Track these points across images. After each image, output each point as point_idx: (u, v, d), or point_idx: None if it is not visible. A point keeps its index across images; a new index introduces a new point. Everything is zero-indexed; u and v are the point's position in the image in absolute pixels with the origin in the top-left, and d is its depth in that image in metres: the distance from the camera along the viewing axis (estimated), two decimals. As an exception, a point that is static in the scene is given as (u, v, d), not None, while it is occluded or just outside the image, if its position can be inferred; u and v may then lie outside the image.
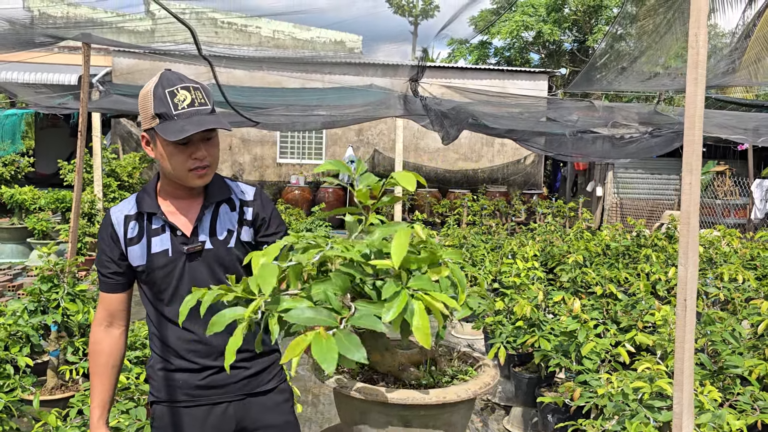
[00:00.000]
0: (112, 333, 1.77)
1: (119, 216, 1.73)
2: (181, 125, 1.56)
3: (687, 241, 1.69)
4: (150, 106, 1.60)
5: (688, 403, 1.70)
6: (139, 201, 1.74)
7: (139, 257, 1.70)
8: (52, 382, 3.75)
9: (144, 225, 1.72)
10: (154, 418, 1.78)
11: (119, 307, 1.77)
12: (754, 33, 8.45)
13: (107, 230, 1.73)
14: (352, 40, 15.34)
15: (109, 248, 1.72)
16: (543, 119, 7.20)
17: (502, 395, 4.41)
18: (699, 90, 1.68)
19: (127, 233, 1.71)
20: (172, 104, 1.57)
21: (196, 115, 1.59)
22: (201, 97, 1.62)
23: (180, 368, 1.74)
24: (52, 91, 8.88)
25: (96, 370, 1.75)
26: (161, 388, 1.76)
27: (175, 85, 1.60)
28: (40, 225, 8.22)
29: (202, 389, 1.74)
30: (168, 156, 1.64)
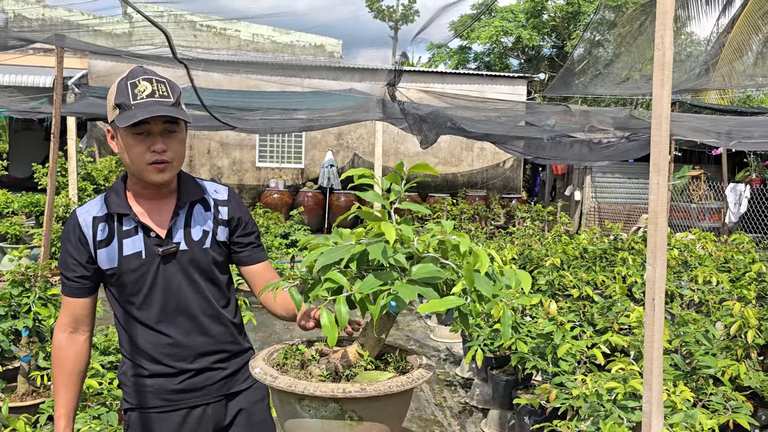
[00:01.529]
0: (77, 339, 1.71)
1: (87, 217, 1.67)
2: (135, 113, 1.53)
3: (655, 241, 1.71)
4: (113, 98, 1.58)
5: (657, 402, 1.72)
6: (107, 202, 1.68)
7: (108, 260, 1.65)
8: (22, 388, 3.67)
9: (114, 226, 1.66)
10: (129, 425, 1.73)
11: (84, 312, 1.70)
12: (727, 40, 8.63)
13: (74, 232, 1.66)
14: (332, 44, 15.33)
15: (76, 251, 1.66)
16: (521, 123, 7.25)
17: (479, 398, 4.42)
18: (665, 92, 1.71)
19: (96, 235, 1.65)
20: (132, 94, 1.55)
21: (154, 105, 1.55)
22: (164, 90, 1.58)
23: (154, 373, 1.69)
24: (25, 93, 8.73)
25: (60, 378, 1.69)
26: (135, 395, 1.71)
27: (138, 77, 1.58)
28: (13, 229, 8.07)
29: (179, 393, 1.70)
30: (127, 148, 1.59)
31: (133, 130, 1.57)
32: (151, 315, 1.68)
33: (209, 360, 1.74)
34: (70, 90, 8.67)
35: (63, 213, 8.83)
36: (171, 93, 1.59)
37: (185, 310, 1.70)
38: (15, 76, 10.82)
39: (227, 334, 1.78)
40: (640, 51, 5.40)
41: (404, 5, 27.70)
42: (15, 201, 8.93)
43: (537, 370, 3.53)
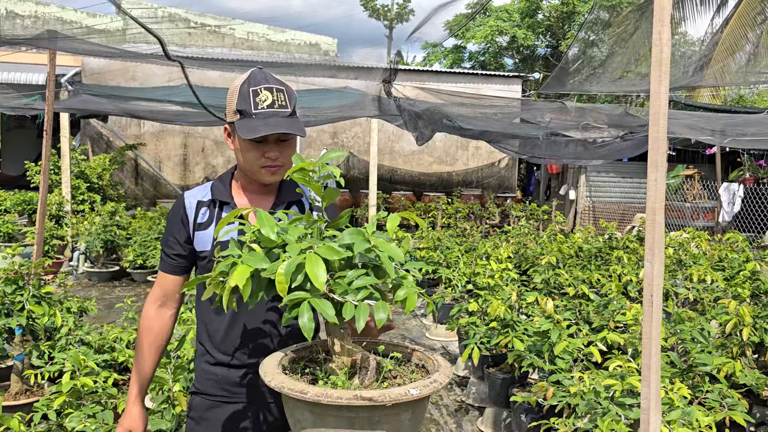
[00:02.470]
0: (164, 313, 1.80)
1: (192, 200, 1.78)
2: (256, 125, 1.62)
3: (653, 238, 1.71)
4: (234, 101, 1.66)
5: (655, 398, 1.71)
6: (213, 189, 1.78)
7: (204, 243, 1.73)
8: (16, 387, 3.64)
9: (215, 212, 1.75)
10: (191, 407, 1.82)
11: (175, 289, 1.79)
12: (720, 39, 8.67)
13: (178, 212, 1.77)
14: (327, 42, 15.31)
15: (177, 230, 1.76)
16: (516, 120, 7.26)
17: (476, 396, 4.42)
18: (663, 87, 1.71)
19: (197, 218, 1.75)
20: (253, 103, 1.63)
21: (273, 117, 1.64)
22: (282, 99, 1.66)
23: (220, 362, 1.75)
24: (17, 90, 8.67)
25: (142, 348, 1.78)
26: (200, 380, 1.79)
27: (260, 85, 1.65)
28: (5, 227, 8.02)
29: (239, 386, 1.75)
30: (243, 151, 1.69)
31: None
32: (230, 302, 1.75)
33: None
34: (63, 87, 8.61)
35: (56, 211, 8.78)
36: (288, 102, 1.67)
37: (261, 306, 1.73)
38: (7, 74, 10.74)
39: (293, 336, 1.78)
40: (634, 49, 5.41)
41: (399, 4, 27.68)
42: (8, 199, 8.87)
43: (533, 369, 3.53)
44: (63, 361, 3.20)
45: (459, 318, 4.41)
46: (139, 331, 1.81)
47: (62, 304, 3.78)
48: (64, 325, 3.60)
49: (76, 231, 8.61)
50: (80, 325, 3.82)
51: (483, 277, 4.69)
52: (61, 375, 3.20)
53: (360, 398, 1.17)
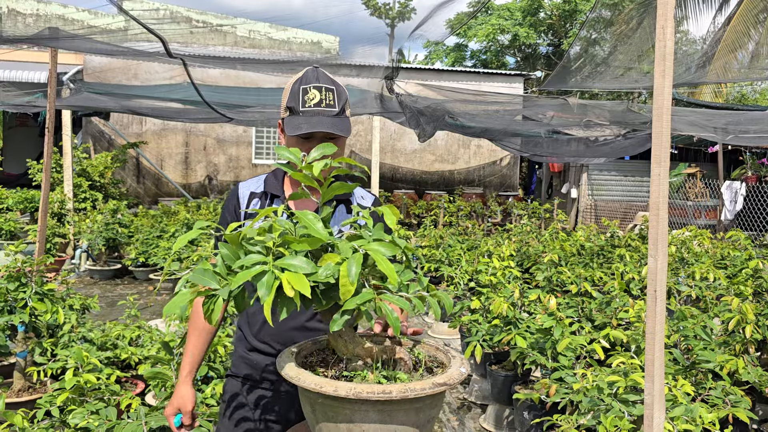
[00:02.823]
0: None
1: (245, 191, 1.84)
2: (300, 122, 1.67)
3: (657, 232, 1.71)
4: (285, 99, 1.72)
5: (659, 394, 1.71)
6: (266, 181, 1.85)
7: None
8: (18, 384, 3.64)
9: (265, 204, 1.81)
10: (225, 390, 1.88)
11: None
12: (723, 36, 8.66)
13: (232, 201, 1.84)
14: (328, 41, 15.30)
15: (230, 217, 1.83)
16: (518, 117, 7.25)
17: (478, 394, 4.42)
18: (666, 81, 1.71)
19: (248, 207, 1.81)
20: (301, 101, 1.68)
21: (318, 116, 1.68)
22: (331, 98, 1.70)
23: (256, 348, 1.80)
24: (19, 88, 8.67)
25: (194, 329, 1.84)
26: (237, 364, 1.85)
27: (310, 83, 1.70)
28: (7, 225, 8.03)
29: (272, 374, 1.78)
30: (290, 147, 1.71)
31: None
32: None
33: None
34: (65, 86, 8.62)
35: (58, 209, 8.79)
36: (337, 102, 1.71)
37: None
38: (9, 72, 10.75)
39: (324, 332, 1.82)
40: (638, 45, 5.40)
41: (400, 3, 27.66)
42: (9, 197, 8.88)
43: (536, 366, 3.53)
44: (66, 358, 3.21)
45: (461, 316, 4.41)
46: (191, 314, 1.87)
47: (65, 301, 3.79)
48: (66, 323, 3.60)
49: (78, 229, 8.62)
50: (83, 322, 3.83)
51: (485, 275, 4.68)
52: (63, 372, 3.21)
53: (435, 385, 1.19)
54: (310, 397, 1.26)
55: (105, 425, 2.37)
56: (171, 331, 3.90)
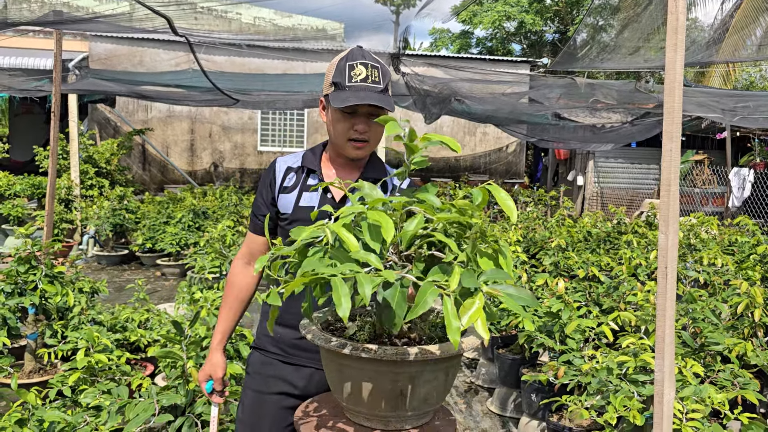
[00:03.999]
0: (249, 270, 1.91)
1: (282, 165, 1.88)
2: (347, 96, 1.68)
3: (668, 209, 1.70)
4: (331, 75, 1.73)
5: (669, 372, 1.71)
6: (304, 157, 1.88)
7: (286, 205, 1.82)
8: (29, 365, 3.68)
9: (301, 178, 1.84)
10: (248, 362, 1.93)
11: (260, 249, 1.89)
12: (731, 25, 8.58)
13: (269, 175, 1.88)
14: (333, 27, 15.21)
15: (265, 191, 1.86)
16: (524, 100, 7.21)
17: (485, 377, 4.43)
18: (678, 56, 1.69)
19: (284, 182, 1.84)
20: (348, 76, 1.70)
21: (365, 91, 1.69)
22: (376, 75, 1.71)
23: (282, 322, 1.82)
24: (26, 75, 8.67)
25: (226, 300, 1.90)
26: (260, 336, 1.90)
27: (356, 60, 1.72)
28: (15, 211, 8.06)
29: (294, 348, 1.82)
30: (334, 122, 1.76)
31: (342, 109, 1.72)
32: None
33: None
34: (71, 72, 8.62)
35: (65, 195, 8.82)
36: (382, 79, 1.72)
37: None
38: (16, 59, 10.75)
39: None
40: (646, 26, 5.35)
41: (405, -11, 27.46)
42: (17, 183, 8.91)
43: (544, 349, 3.53)
44: (76, 340, 3.23)
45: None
46: (226, 285, 1.93)
47: (74, 284, 3.81)
48: (76, 305, 3.63)
49: (85, 215, 8.65)
50: (92, 304, 3.85)
51: (492, 260, 4.68)
52: (73, 354, 3.23)
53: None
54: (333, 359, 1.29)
55: (117, 404, 2.39)
56: (180, 314, 3.92)
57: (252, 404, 1.86)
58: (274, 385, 1.84)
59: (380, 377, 1.25)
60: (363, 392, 1.26)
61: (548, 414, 3.21)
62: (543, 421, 3.41)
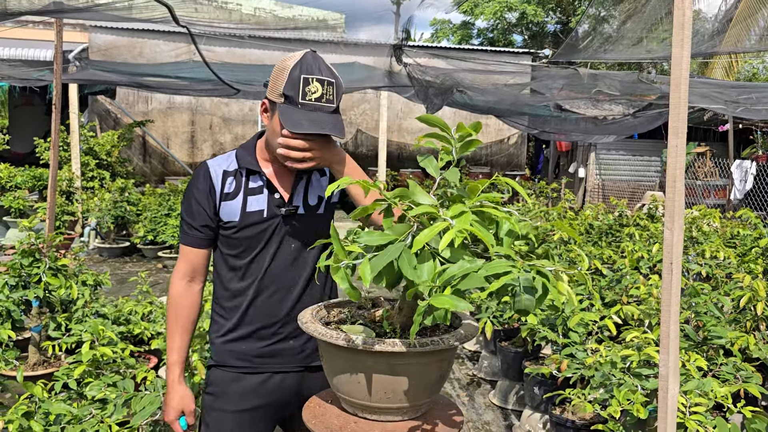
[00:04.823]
0: (193, 289, 1.78)
1: (217, 170, 1.74)
2: (300, 118, 1.58)
3: (673, 204, 1.70)
4: (281, 84, 1.61)
5: (674, 366, 1.71)
6: (239, 157, 1.76)
7: (231, 213, 1.71)
8: (34, 358, 3.69)
9: (242, 182, 1.73)
10: (210, 381, 1.80)
11: (202, 261, 1.78)
12: (734, 15, 8.54)
13: (205, 182, 1.73)
14: (334, 18, 15.16)
15: (204, 201, 1.72)
16: (526, 91, 7.18)
17: (488, 370, 4.45)
18: (684, 52, 1.68)
19: (224, 188, 1.72)
20: (302, 92, 1.59)
21: (318, 111, 1.60)
22: (331, 93, 1.62)
23: (244, 334, 1.75)
24: (27, 66, 8.64)
25: (177, 326, 1.76)
26: (220, 353, 1.78)
27: (312, 74, 1.60)
28: (16, 203, 8.06)
29: (262, 357, 1.74)
30: (274, 129, 1.65)
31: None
32: (255, 274, 1.73)
33: (296, 327, 1.73)
34: (71, 64, 8.59)
35: (66, 187, 8.81)
36: (336, 96, 1.64)
37: (290, 274, 1.74)
38: (16, 50, 10.72)
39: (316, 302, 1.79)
40: (650, 17, 5.32)
41: (406, -20, 27.31)
42: (18, 175, 8.91)
43: (546, 342, 3.54)
44: (80, 332, 3.23)
45: (471, 293, 4.42)
46: (170, 310, 1.78)
47: (77, 277, 3.81)
48: (80, 298, 3.63)
49: (86, 207, 8.65)
50: (96, 297, 3.86)
51: (494, 252, 4.68)
52: (78, 347, 3.24)
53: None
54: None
55: (123, 397, 2.40)
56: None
57: (221, 425, 1.76)
58: (245, 401, 1.75)
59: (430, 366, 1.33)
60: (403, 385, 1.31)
61: (551, 407, 3.23)
62: (546, 413, 3.42)
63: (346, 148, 14.30)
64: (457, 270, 1.12)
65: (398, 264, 1.14)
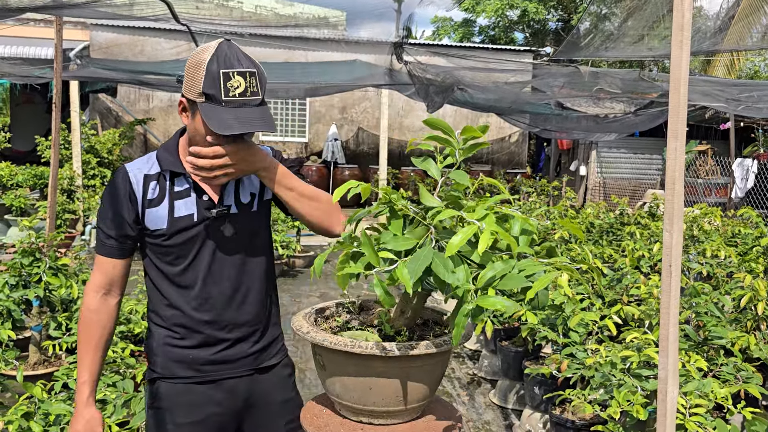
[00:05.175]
0: (109, 302, 1.65)
1: (138, 175, 1.61)
2: (227, 118, 1.45)
3: (673, 207, 1.70)
4: (199, 81, 1.48)
5: (673, 369, 1.71)
6: (160, 160, 1.63)
7: (158, 220, 1.59)
8: (34, 357, 3.70)
9: (166, 186, 1.61)
10: (155, 396, 1.67)
11: (120, 273, 1.66)
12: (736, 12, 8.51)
13: (124, 188, 1.59)
14: (335, 16, 15.14)
15: (125, 209, 1.59)
16: (527, 89, 7.17)
17: (488, 369, 4.45)
18: (684, 54, 1.67)
19: (146, 194, 1.59)
20: (224, 89, 1.46)
21: (245, 107, 1.48)
22: (254, 84, 1.49)
23: (189, 344, 1.64)
24: (28, 64, 8.65)
25: (89, 343, 1.62)
26: (165, 364, 1.65)
27: (233, 68, 1.47)
28: (17, 202, 8.06)
29: (212, 364, 1.65)
30: (196, 127, 1.53)
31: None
32: (193, 280, 1.62)
33: (244, 331, 1.69)
34: (72, 62, 8.59)
35: (67, 186, 8.81)
36: (260, 87, 1.51)
37: (229, 277, 1.65)
38: (16, 48, 10.72)
39: (263, 306, 1.74)
40: (651, 14, 5.31)
41: (408, -23, 27.26)
42: (19, 173, 8.91)
43: (546, 342, 3.54)
44: (80, 331, 3.24)
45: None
46: (83, 325, 1.63)
47: (78, 276, 3.82)
48: (80, 297, 3.64)
49: (87, 205, 8.66)
50: (96, 297, 3.86)
51: (495, 252, 4.68)
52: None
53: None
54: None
55: (122, 397, 2.40)
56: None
57: None
58: (198, 412, 1.65)
59: (437, 366, 1.37)
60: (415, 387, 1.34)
61: (551, 407, 3.23)
62: (546, 413, 3.42)
63: (348, 146, 14.30)
64: (497, 271, 1.15)
65: (433, 268, 1.15)
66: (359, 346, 1.27)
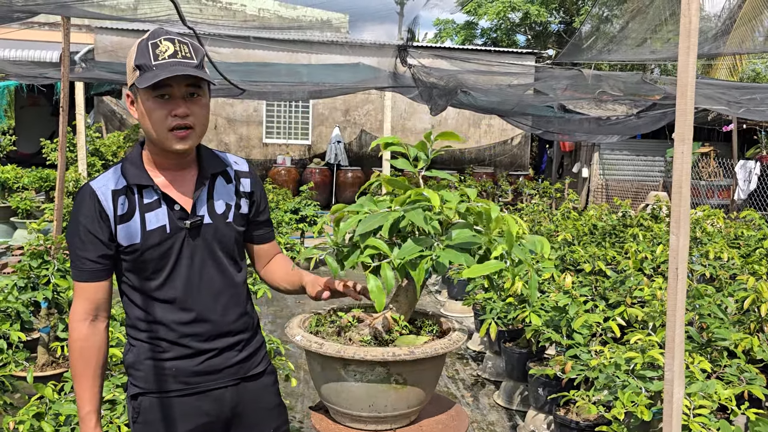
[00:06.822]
0: (98, 328, 1.59)
1: (105, 192, 1.55)
2: (156, 73, 1.45)
3: (679, 210, 1.71)
4: (132, 59, 1.50)
5: (679, 370, 1.73)
6: (125, 173, 1.57)
7: (130, 236, 1.54)
8: (42, 358, 3.73)
9: (134, 199, 1.56)
10: (141, 411, 1.61)
11: (105, 296, 1.59)
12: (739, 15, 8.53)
13: (94, 207, 1.53)
14: (338, 18, 15.19)
15: (98, 228, 1.53)
16: (530, 92, 7.20)
17: (492, 371, 4.47)
18: (691, 59, 1.69)
19: (116, 209, 1.54)
20: (153, 54, 1.47)
21: (177, 65, 1.47)
22: (186, 51, 1.49)
23: (174, 355, 1.60)
24: (34, 66, 8.70)
25: (86, 372, 1.56)
26: (150, 379, 1.60)
27: (159, 37, 1.49)
28: (24, 204, 8.10)
29: (198, 375, 1.62)
30: (148, 113, 1.51)
31: (153, 93, 1.49)
32: (173, 293, 1.59)
33: (228, 341, 1.67)
34: (77, 65, 8.63)
35: (73, 188, 8.86)
36: (194, 54, 1.51)
37: (208, 287, 1.63)
38: (23, 51, 10.78)
39: (245, 314, 1.73)
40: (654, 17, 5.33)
41: (410, -21, 27.32)
42: (25, 176, 8.96)
43: (550, 343, 3.56)
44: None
45: (475, 294, 4.44)
46: (75, 357, 1.56)
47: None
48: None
49: (92, 208, 8.69)
50: (103, 298, 3.89)
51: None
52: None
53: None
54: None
55: (132, 398, 2.43)
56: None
57: None
58: (186, 423, 1.62)
59: (439, 366, 1.40)
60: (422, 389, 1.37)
61: (555, 408, 3.25)
62: (550, 414, 3.44)
63: (351, 149, 14.34)
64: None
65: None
66: (354, 352, 1.28)
